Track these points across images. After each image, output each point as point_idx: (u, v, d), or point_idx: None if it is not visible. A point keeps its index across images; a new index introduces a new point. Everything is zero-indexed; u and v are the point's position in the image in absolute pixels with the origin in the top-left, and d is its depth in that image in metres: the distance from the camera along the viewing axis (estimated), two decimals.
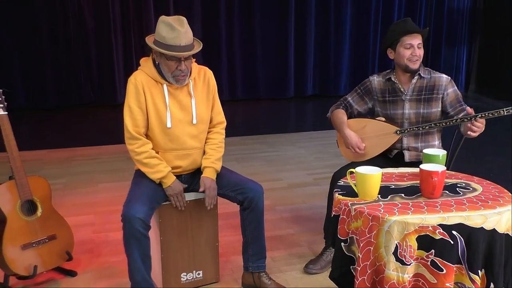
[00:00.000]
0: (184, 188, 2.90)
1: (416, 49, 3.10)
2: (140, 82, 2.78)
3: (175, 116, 2.83)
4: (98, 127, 7.57)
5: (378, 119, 3.26)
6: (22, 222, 2.95)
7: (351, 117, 3.35)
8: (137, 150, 2.80)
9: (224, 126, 3.08)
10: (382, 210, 2.06)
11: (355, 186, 2.24)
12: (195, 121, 2.87)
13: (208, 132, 3.02)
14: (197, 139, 2.93)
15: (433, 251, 1.96)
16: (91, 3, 8.25)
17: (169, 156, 2.87)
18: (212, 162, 2.93)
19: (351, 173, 2.29)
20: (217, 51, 8.96)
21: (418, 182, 2.28)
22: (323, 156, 5.87)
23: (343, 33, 9.70)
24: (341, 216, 2.19)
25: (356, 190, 2.24)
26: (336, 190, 2.33)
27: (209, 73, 2.97)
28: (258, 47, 9.32)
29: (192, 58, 2.80)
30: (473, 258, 1.96)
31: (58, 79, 8.33)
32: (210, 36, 8.68)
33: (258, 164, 5.58)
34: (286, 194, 4.68)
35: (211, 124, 3.03)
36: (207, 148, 2.98)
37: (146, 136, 2.84)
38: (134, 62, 8.44)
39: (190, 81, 2.86)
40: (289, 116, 8.90)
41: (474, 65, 10.62)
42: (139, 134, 2.80)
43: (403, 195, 2.25)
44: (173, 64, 2.71)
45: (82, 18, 8.24)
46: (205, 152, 2.98)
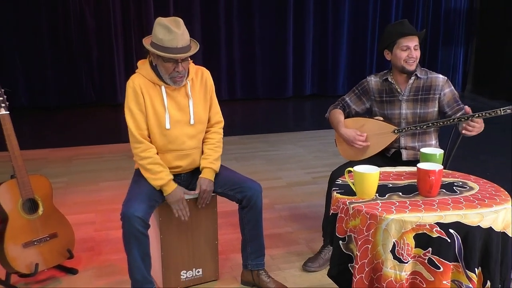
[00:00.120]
0: (188, 193, 2.90)
1: (413, 51, 3.09)
2: (138, 85, 2.78)
3: (173, 117, 2.82)
4: (99, 127, 7.57)
5: (376, 118, 3.25)
6: (23, 220, 2.95)
7: (348, 117, 3.34)
8: (141, 154, 2.79)
9: (222, 125, 3.08)
10: (380, 209, 2.06)
11: (353, 185, 2.24)
12: (192, 121, 2.87)
13: (206, 131, 3.01)
14: (195, 139, 2.92)
15: (430, 249, 1.96)
16: (92, 3, 8.26)
17: (168, 156, 2.86)
18: (210, 162, 2.93)
19: (349, 172, 2.28)
20: (216, 51, 8.95)
21: (416, 181, 2.28)
22: (322, 155, 5.87)
23: (341, 33, 9.71)
24: (339, 215, 2.19)
25: (354, 189, 2.23)
26: (334, 188, 2.33)
27: (206, 73, 2.96)
28: (257, 47, 9.32)
29: (189, 59, 2.79)
30: (470, 256, 1.96)
31: (59, 79, 8.34)
32: (209, 36, 8.67)
33: (258, 163, 5.58)
34: (285, 192, 4.68)
35: (209, 124, 3.02)
36: (205, 148, 2.98)
37: (149, 139, 2.83)
38: (135, 62, 8.33)
39: (188, 82, 2.85)
40: (288, 116, 8.90)
41: (471, 65, 10.62)
42: (143, 137, 2.79)
43: (400, 193, 2.24)
44: (170, 66, 2.71)
45: (83, 18, 8.25)
46: (203, 152, 2.98)
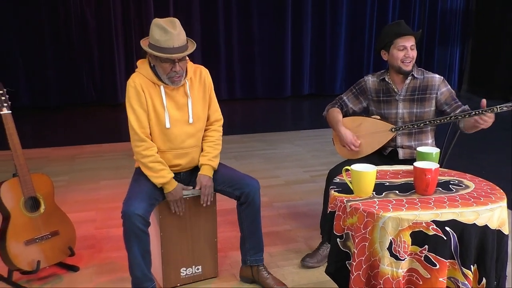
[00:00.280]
0: (187, 190, 2.90)
1: (409, 50, 3.09)
2: (139, 84, 2.78)
3: (173, 116, 2.82)
4: (100, 126, 7.56)
5: (373, 117, 3.25)
6: (25, 218, 2.95)
7: (346, 115, 3.34)
8: (143, 153, 2.78)
9: (221, 123, 3.07)
10: (377, 207, 2.05)
11: (351, 183, 2.24)
12: (191, 120, 2.86)
13: (205, 129, 3.01)
14: (194, 137, 2.92)
15: (426, 246, 1.96)
16: (92, 4, 8.26)
17: (168, 155, 2.86)
18: (209, 160, 2.93)
19: (347, 170, 2.28)
20: (215, 51, 8.95)
21: (412, 179, 2.27)
22: (320, 154, 5.87)
23: (339, 33, 9.72)
24: (336, 213, 2.18)
25: (351, 187, 2.23)
26: (332, 187, 2.33)
27: (204, 71, 2.95)
28: (256, 47, 9.33)
29: (186, 59, 2.79)
30: (465, 254, 1.96)
31: (60, 79, 8.34)
32: (209, 36, 8.67)
33: (256, 162, 5.58)
34: (283, 191, 4.67)
35: (209, 122, 3.02)
36: (204, 146, 2.98)
37: (150, 137, 2.83)
38: (135, 62, 8.27)
39: (187, 81, 2.85)
40: (286, 115, 8.91)
41: (466, 65, 10.63)
42: (145, 135, 2.79)
43: (397, 192, 2.24)
44: (167, 66, 2.70)
45: (84, 19, 8.25)
46: (202, 150, 2.98)
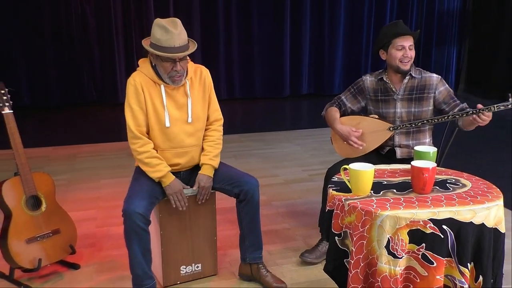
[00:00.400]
0: (184, 187, 2.90)
1: (408, 50, 3.09)
2: (139, 82, 2.77)
3: (172, 115, 2.82)
4: (100, 125, 7.56)
5: (372, 116, 3.25)
6: (27, 216, 2.95)
7: (344, 115, 3.34)
8: (138, 149, 2.79)
9: (222, 123, 3.07)
10: (375, 205, 2.06)
11: (349, 182, 2.24)
12: (190, 119, 2.86)
13: (206, 129, 3.01)
14: (194, 137, 2.92)
15: (424, 244, 1.96)
16: (93, 5, 8.25)
17: (167, 154, 2.86)
18: (210, 159, 2.93)
19: (345, 169, 2.28)
20: (215, 51, 8.95)
21: (410, 178, 2.27)
22: (318, 153, 5.86)
23: (337, 34, 9.71)
24: (335, 211, 2.18)
25: (349, 186, 2.23)
26: (330, 186, 2.33)
27: (205, 71, 2.95)
28: (255, 47, 9.32)
29: (187, 59, 2.79)
30: (462, 252, 1.96)
31: (61, 79, 8.33)
32: (208, 36, 8.66)
33: (255, 161, 5.58)
34: (282, 189, 4.67)
35: (209, 122, 3.01)
36: (205, 145, 2.98)
37: (147, 135, 2.83)
38: (135, 62, 8.38)
39: (187, 81, 2.84)
40: (285, 115, 8.90)
41: (463, 65, 10.62)
42: (141, 133, 2.79)
43: (395, 190, 2.24)
44: (168, 65, 2.70)
45: (85, 20, 8.24)
46: (203, 149, 2.98)
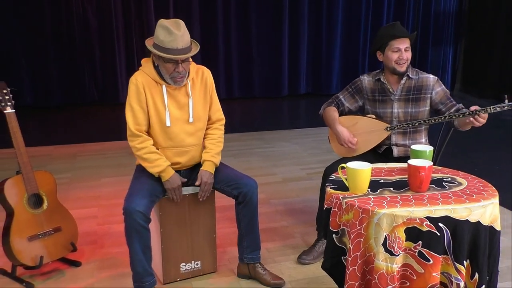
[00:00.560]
0: (183, 182, 2.89)
1: (403, 52, 3.09)
2: (141, 82, 2.77)
3: (173, 115, 2.82)
4: (101, 125, 7.55)
5: (369, 116, 3.25)
6: (28, 214, 2.95)
7: (342, 114, 3.34)
8: (137, 146, 2.79)
9: (223, 123, 3.07)
10: (372, 203, 2.06)
11: (346, 180, 2.24)
12: (191, 119, 2.86)
13: (207, 128, 3.01)
14: (194, 136, 2.92)
15: (420, 242, 1.96)
16: (94, 6, 8.23)
17: (168, 153, 2.86)
18: (212, 156, 2.92)
19: (342, 168, 2.28)
20: (214, 51, 8.92)
21: (406, 176, 2.28)
22: (316, 152, 5.86)
23: (335, 34, 9.70)
24: (332, 209, 2.18)
25: (347, 184, 2.23)
26: (328, 184, 2.33)
27: (206, 72, 2.95)
28: (254, 47, 9.31)
29: (189, 60, 2.78)
30: (458, 249, 1.96)
31: (63, 79, 8.32)
32: (208, 36, 8.65)
33: (254, 160, 5.57)
34: (281, 188, 4.67)
35: (211, 121, 3.02)
36: (206, 143, 2.98)
37: (147, 134, 2.83)
38: (136, 62, 8.43)
39: (189, 81, 2.84)
40: (283, 114, 8.89)
41: (459, 65, 10.62)
42: (140, 131, 2.79)
43: (392, 189, 2.24)
44: (170, 66, 2.70)
45: (86, 20, 8.22)
46: (205, 147, 2.98)
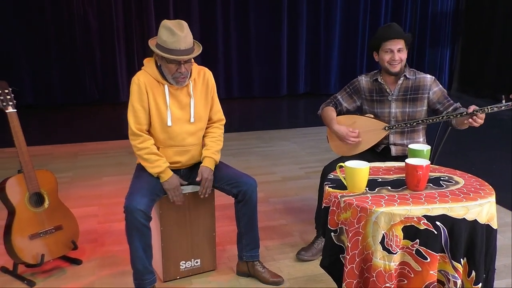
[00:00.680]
0: (182, 184, 2.89)
1: (396, 53, 3.08)
2: (143, 82, 2.77)
3: (175, 115, 2.82)
4: (102, 124, 7.54)
5: (367, 115, 3.25)
6: (30, 213, 2.95)
7: (340, 114, 3.34)
8: (138, 145, 2.79)
9: (223, 123, 3.08)
10: (370, 202, 2.05)
11: (344, 179, 2.24)
12: (193, 119, 2.86)
13: (208, 126, 3.01)
14: (195, 136, 2.92)
15: (418, 240, 1.96)
16: (95, 6, 8.22)
17: (168, 152, 2.86)
18: (212, 153, 2.92)
19: (341, 167, 2.28)
20: (214, 52, 8.93)
21: (404, 175, 2.27)
22: (315, 151, 5.86)
23: (333, 34, 9.69)
24: (331, 208, 2.18)
25: (345, 183, 2.23)
26: (326, 183, 2.33)
27: (208, 73, 2.95)
28: (253, 48, 9.30)
29: (192, 61, 2.79)
30: (455, 248, 1.96)
31: (64, 79, 8.31)
32: (207, 37, 8.66)
33: (253, 159, 5.57)
34: (279, 186, 4.67)
35: (211, 121, 3.02)
36: (206, 141, 2.98)
37: (148, 133, 2.84)
38: (136, 62, 8.43)
39: (190, 82, 2.84)
40: (282, 113, 8.88)
41: (456, 65, 10.62)
42: (141, 131, 2.79)
43: (389, 187, 2.24)
44: (173, 66, 2.70)
45: (86, 21, 8.21)
46: (205, 144, 2.98)
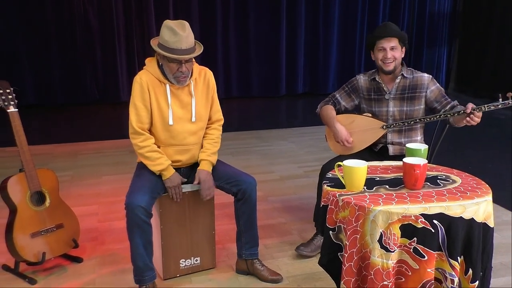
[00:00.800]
0: (183, 181, 2.90)
1: (388, 51, 3.07)
2: (145, 81, 2.77)
3: (176, 114, 2.82)
4: (102, 123, 7.54)
5: (365, 114, 3.25)
6: (31, 211, 2.95)
7: (338, 113, 3.34)
8: (140, 144, 2.79)
9: (222, 123, 3.08)
10: (368, 201, 2.05)
11: (343, 178, 2.24)
12: (194, 119, 2.87)
13: (206, 128, 3.01)
14: (196, 135, 2.92)
15: (415, 239, 1.96)
16: (96, 7, 8.22)
17: (169, 150, 2.86)
18: (208, 155, 2.93)
19: (339, 166, 2.28)
20: (213, 51, 8.94)
21: (402, 174, 2.27)
22: (313, 150, 5.86)
23: (331, 34, 9.70)
24: (329, 206, 2.18)
25: (343, 182, 2.23)
26: (324, 182, 2.33)
27: (209, 73, 2.95)
28: (252, 48, 9.31)
29: (193, 60, 2.79)
30: (452, 246, 1.96)
31: (64, 79, 8.31)
32: (207, 37, 8.66)
33: (252, 158, 5.57)
34: (278, 185, 4.67)
35: (210, 121, 3.02)
36: (204, 143, 2.98)
37: (149, 132, 2.84)
38: (136, 62, 8.43)
39: (191, 81, 2.84)
40: (281, 113, 8.88)
41: (453, 64, 10.63)
42: (142, 129, 2.79)
43: (387, 186, 2.24)
44: (174, 66, 2.70)
45: (87, 21, 8.22)
46: (202, 146, 2.98)
